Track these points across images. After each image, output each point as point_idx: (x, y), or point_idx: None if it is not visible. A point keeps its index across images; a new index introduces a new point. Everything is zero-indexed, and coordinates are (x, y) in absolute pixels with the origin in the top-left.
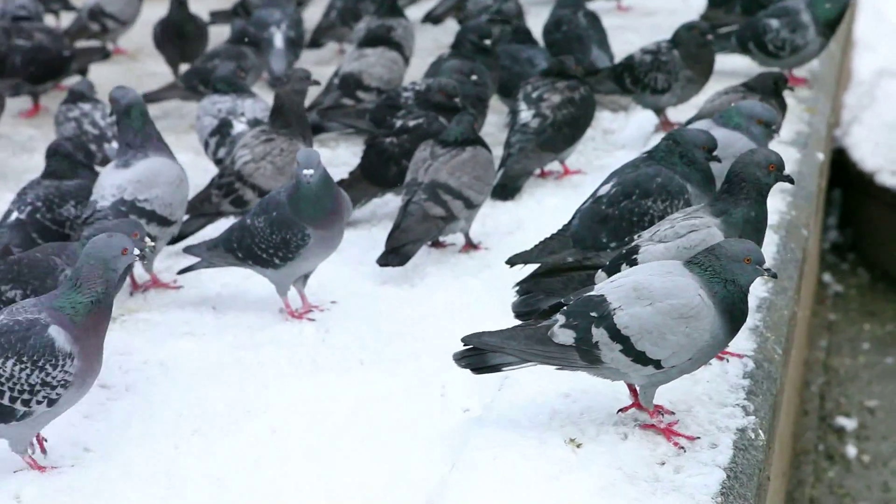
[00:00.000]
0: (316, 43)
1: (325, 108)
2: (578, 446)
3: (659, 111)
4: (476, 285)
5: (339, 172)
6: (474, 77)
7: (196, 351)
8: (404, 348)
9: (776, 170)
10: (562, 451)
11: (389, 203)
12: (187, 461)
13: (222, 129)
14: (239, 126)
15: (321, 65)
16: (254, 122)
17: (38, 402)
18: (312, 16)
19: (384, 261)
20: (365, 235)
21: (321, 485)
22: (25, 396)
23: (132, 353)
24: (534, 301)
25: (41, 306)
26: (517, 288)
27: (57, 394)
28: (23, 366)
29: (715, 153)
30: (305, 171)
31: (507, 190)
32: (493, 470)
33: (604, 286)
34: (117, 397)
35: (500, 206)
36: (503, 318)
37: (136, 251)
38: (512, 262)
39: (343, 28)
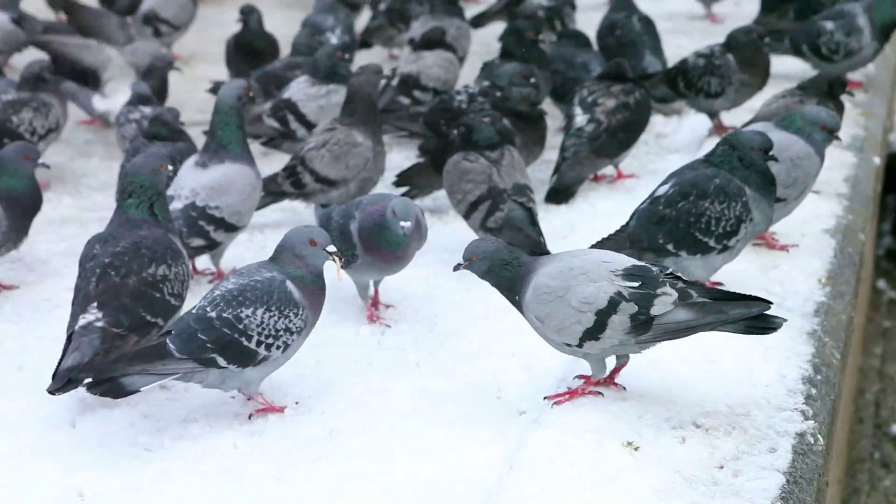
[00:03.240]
0: (365, 44)
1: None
2: (636, 449)
3: (712, 115)
4: None
5: (391, 176)
6: (533, 80)
7: None
8: (459, 350)
9: None
10: (619, 454)
11: (442, 207)
12: (246, 460)
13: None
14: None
15: None
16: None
17: (278, 348)
18: (361, 21)
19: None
20: None
21: (379, 484)
22: (269, 341)
23: None
24: None
25: (268, 268)
26: None
27: (293, 339)
28: (271, 313)
29: (771, 153)
30: (403, 224)
31: (561, 195)
32: (551, 471)
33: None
34: (177, 397)
35: (554, 210)
36: None
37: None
38: None
39: (391, 29)
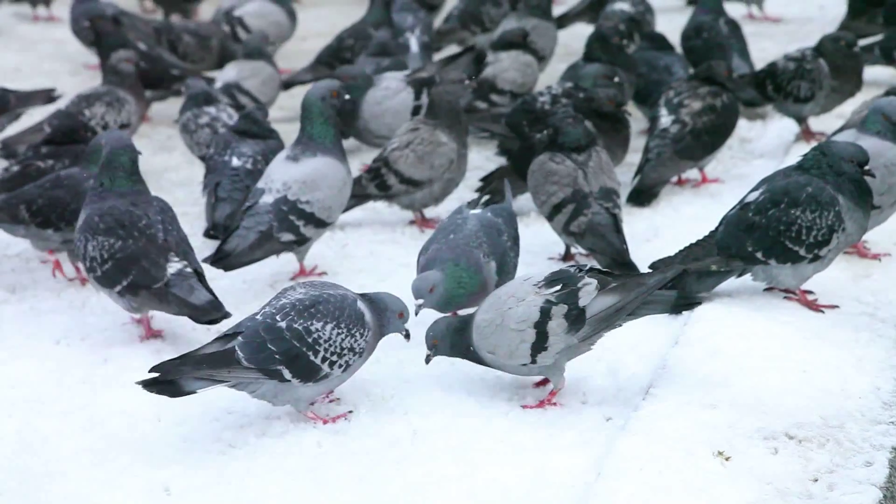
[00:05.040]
0: (436, 47)
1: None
2: (727, 459)
3: (801, 120)
4: None
5: (472, 176)
6: (617, 79)
7: None
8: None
9: None
10: (709, 464)
11: (523, 209)
12: (330, 459)
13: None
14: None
15: None
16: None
17: (339, 367)
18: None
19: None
20: None
21: (463, 486)
22: (334, 359)
23: None
24: None
25: (342, 289)
26: None
27: (353, 360)
28: (339, 330)
29: (867, 167)
30: (416, 302)
31: (643, 196)
32: (640, 479)
33: None
34: None
35: (637, 214)
36: (642, 326)
37: None
38: (654, 267)
39: (463, 32)
